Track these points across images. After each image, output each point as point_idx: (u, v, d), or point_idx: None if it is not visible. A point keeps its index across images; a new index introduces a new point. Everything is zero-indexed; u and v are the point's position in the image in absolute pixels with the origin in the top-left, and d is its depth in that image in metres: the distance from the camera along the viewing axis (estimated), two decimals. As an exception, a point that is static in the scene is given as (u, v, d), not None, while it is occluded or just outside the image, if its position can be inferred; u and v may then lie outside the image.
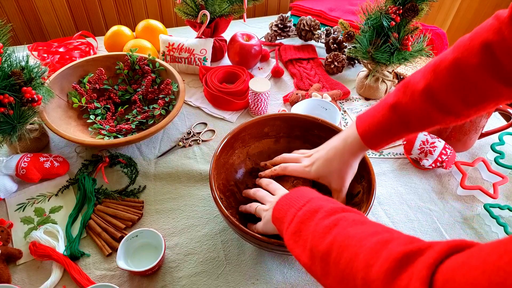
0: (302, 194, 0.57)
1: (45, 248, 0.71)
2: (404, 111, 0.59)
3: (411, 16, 0.91)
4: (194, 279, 0.72)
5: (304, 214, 0.52)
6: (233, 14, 1.13)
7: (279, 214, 0.58)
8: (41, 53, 1.14)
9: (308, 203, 0.53)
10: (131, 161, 0.91)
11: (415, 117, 0.59)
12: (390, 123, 0.61)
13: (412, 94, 0.58)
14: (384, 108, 0.61)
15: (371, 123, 0.63)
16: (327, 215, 0.48)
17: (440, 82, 0.55)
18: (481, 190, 0.84)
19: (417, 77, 0.59)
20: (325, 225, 0.47)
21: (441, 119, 0.58)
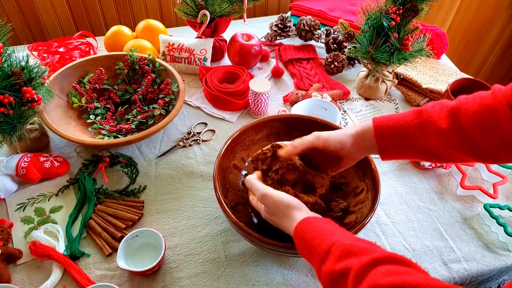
0: (320, 233, 0.54)
1: (45, 248, 0.71)
2: (427, 118, 0.58)
3: (411, 16, 0.91)
4: (195, 279, 0.72)
5: (333, 273, 0.49)
6: (233, 14, 1.13)
7: (300, 245, 0.56)
8: (41, 53, 1.14)
9: (331, 251, 0.51)
10: (131, 161, 0.91)
11: (434, 129, 0.57)
12: (410, 125, 0.59)
13: (441, 108, 0.58)
14: (408, 112, 0.60)
15: (389, 119, 0.61)
16: (357, 282, 0.45)
17: (470, 107, 0.55)
18: (481, 190, 0.85)
19: (451, 101, 0.59)
20: None
21: (455, 141, 0.57)
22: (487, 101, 0.54)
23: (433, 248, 0.78)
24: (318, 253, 0.52)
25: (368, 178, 0.73)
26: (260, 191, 0.64)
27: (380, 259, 0.45)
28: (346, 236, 0.52)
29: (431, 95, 1.06)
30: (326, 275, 0.49)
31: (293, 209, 0.60)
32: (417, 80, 1.07)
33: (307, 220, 0.57)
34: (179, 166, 0.91)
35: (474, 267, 0.75)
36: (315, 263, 0.52)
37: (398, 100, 1.11)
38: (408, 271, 0.44)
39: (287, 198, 0.62)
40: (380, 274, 0.44)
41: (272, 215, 0.63)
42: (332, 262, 0.49)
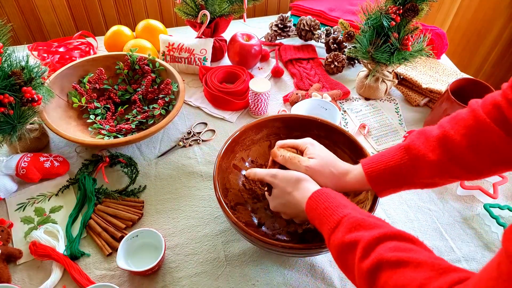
0: (333, 204, 0.56)
1: (45, 248, 0.71)
2: (417, 153, 0.59)
3: (411, 16, 0.91)
4: (195, 279, 0.72)
5: (342, 243, 0.51)
6: (233, 14, 1.13)
7: (312, 215, 0.58)
8: (41, 53, 1.14)
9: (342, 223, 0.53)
10: (131, 161, 0.91)
11: (427, 163, 0.58)
12: (400, 164, 0.60)
13: (427, 139, 0.59)
14: (395, 149, 0.62)
15: (379, 162, 0.62)
16: (365, 254, 0.47)
17: (456, 132, 0.57)
18: (481, 190, 0.85)
19: (433, 128, 0.61)
20: (366, 267, 0.46)
21: (451, 171, 0.58)
22: (470, 121, 0.56)
23: (433, 248, 0.78)
24: (329, 223, 0.54)
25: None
26: (269, 173, 0.66)
27: (388, 235, 0.47)
28: (358, 210, 0.54)
29: (431, 95, 1.06)
30: (335, 244, 0.52)
31: (304, 181, 0.63)
32: (417, 80, 1.07)
33: (321, 190, 0.59)
34: (179, 166, 0.91)
35: (474, 267, 0.75)
36: (325, 233, 0.55)
37: (398, 100, 1.11)
38: (414, 248, 0.46)
39: (296, 172, 0.64)
40: (387, 249, 0.45)
41: (282, 194, 0.64)
42: (342, 233, 0.51)
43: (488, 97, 0.57)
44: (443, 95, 0.94)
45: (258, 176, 0.68)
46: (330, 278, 0.73)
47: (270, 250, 0.66)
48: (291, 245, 0.64)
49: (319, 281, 0.73)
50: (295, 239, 0.71)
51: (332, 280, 0.73)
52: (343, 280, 0.73)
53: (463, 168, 0.58)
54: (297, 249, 0.64)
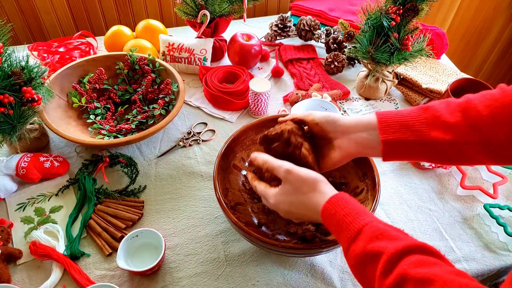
0: (353, 211, 0.53)
1: (45, 248, 0.71)
2: (435, 113, 0.56)
3: (411, 16, 0.91)
4: (194, 279, 0.72)
5: (363, 253, 0.49)
6: (233, 14, 1.13)
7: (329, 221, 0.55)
8: (41, 53, 1.14)
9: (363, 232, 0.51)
10: (131, 161, 0.91)
11: (442, 123, 0.55)
12: (416, 119, 0.56)
13: (449, 104, 0.56)
14: (414, 108, 0.58)
15: (394, 114, 0.58)
16: (388, 269, 0.45)
17: (480, 102, 0.54)
18: (481, 190, 0.85)
19: (457, 99, 0.57)
20: (388, 283, 0.44)
21: (464, 135, 0.54)
22: (497, 96, 0.54)
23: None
24: (349, 231, 0.51)
25: (368, 178, 0.73)
26: (285, 166, 0.60)
27: (412, 247, 0.46)
28: (378, 219, 0.52)
29: (431, 95, 1.06)
30: (356, 253, 0.50)
31: (322, 183, 0.59)
32: (417, 80, 1.07)
33: (341, 195, 0.56)
34: (179, 166, 0.91)
35: (474, 267, 0.75)
36: (344, 240, 0.52)
37: (398, 100, 1.11)
38: (438, 262, 0.44)
39: (314, 173, 0.59)
40: (411, 263, 0.44)
41: (294, 193, 0.59)
42: (364, 242, 0.49)
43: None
44: (443, 95, 0.94)
45: (268, 165, 0.62)
46: (330, 278, 0.73)
47: (270, 250, 0.66)
48: (291, 245, 0.65)
49: (319, 281, 0.73)
50: (295, 239, 0.71)
51: (332, 280, 0.73)
52: (343, 280, 0.73)
53: (478, 134, 0.54)
54: (297, 249, 0.64)
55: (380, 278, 0.45)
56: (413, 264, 0.44)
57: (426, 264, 0.44)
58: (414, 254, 0.45)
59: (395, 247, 0.46)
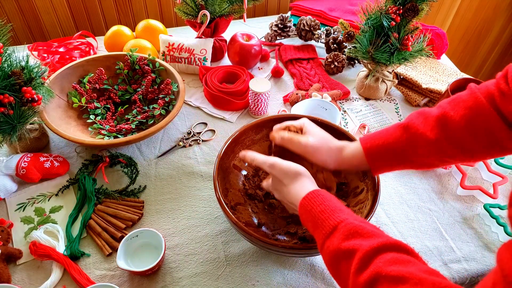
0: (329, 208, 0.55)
1: (45, 248, 0.71)
2: (415, 132, 0.60)
3: (411, 16, 0.91)
4: (194, 279, 0.72)
5: (337, 250, 0.49)
6: (233, 14, 1.13)
7: (306, 216, 0.57)
8: (41, 53, 1.14)
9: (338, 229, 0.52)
10: (131, 161, 0.91)
11: (424, 142, 0.59)
12: (399, 141, 0.61)
13: (426, 118, 0.60)
14: (394, 127, 0.62)
15: (377, 139, 0.63)
16: (363, 267, 0.46)
17: (455, 113, 0.58)
18: (481, 190, 0.85)
19: (432, 109, 0.61)
20: (363, 280, 0.45)
21: (447, 150, 0.59)
22: (470, 103, 0.57)
23: (433, 248, 0.78)
24: (324, 227, 0.52)
25: (368, 178, 0.73)
26: (269, 162, 0.64)
27: (387, 245, 0.46)
28: (353, 216, 0.53)
29: (431, 95, 1.06)
30: (330, 250, 0.50)
31: (303, 176, 0.61)
32: (417, 80, 1.07)
33: (317, 192, 0.57)
34: (179, 166, 0.91)
35: (474, 267, 0.75)
36: (319, 236, 0.53)
37: (398, 100, 1.11)
38: (412, 260, 0.45)
39: (296, 165, 0.62)
40: (385, 261, 0.45)
41: (279, 186, 0.63)
42: (339, 239, 0.50)
43: (483, 85, 0.58)
44: (443, 95, 0.94)
45: (256, 162, 0.66)
46: (330, 278, 0.73)
47: (270, 250, 0.66)
48: (291, 245, 0.65)
49: (319, 281, 0.73)
50: (295, 239, 0.71)
51: (332, 280, 0.73)
52: (343, 280, 0.73)
53: (459, 148, 0.58)
54: (297, 249, 0.64)
55: (354, 275, 0.46)
56: (388, 262, 0.44)
57: (400, 262, 0.44)
58: (388, 252, 0.46)
59: (370, 244, 0.47)
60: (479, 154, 0.59)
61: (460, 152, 0.59)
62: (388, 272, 0.43)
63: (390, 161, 0.62)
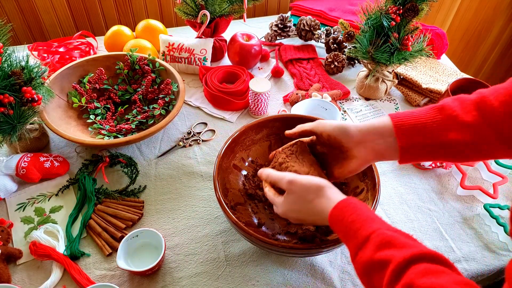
0: (360, 218, 0.52)
1: (45, 248, 0.71)
2: (451, 113, 0.55)
3: (411, 16, 0.91)
4: (194, 279, 0.72)
5: (370, 261, 0.48)
6: (233, 14, 1.13)
7: (337, 227, 0.55)
8: (41, 53, 1.14)
9: (371, 239, 0.50)
10: (131, 161, 0.91)
11: (460, 123, 0.54)
12: (433, 121, 0.55)
13: (463, 102, 0.55)
14: (428, 108, 0.57)
15: (409, 116, 0.57)
16: (395, 279, 0.44)
17: (495, 98, 0.54)
18: (481, 190, 0.85)
19: (469, 95, 0.57)
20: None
21: (484, 135, 0.54)
22: (510, 91, 0.53)
23: (433, 248, 0.78)
24: (356, 238, 0.51)
25: (368, 178, 0.73)
26: (287, 178, 0.60)
27: (420, 256, 0.45)
28: (386, 225, 0.51)
29: (431, 95, 1.06)
30: (363, 261, 0.49)
31: (327, 188, 0.58)
32: (417, 80, 1.07)
33: (348, 201, 0.55)
34: (179, 166, 0.91)
35: (474, 267, 0.75)
36: (352, 247, 0.52)
37: (398, 100, 1.11)
38: (445, 271, 0.43)
39: (317, 179, 0.59)
40: (418, 273, 0.43)
41: (299, 203, 0.59)
42: (371, 250, 0.48)
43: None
44: (443, 95, 0.94)
45: (271, 178, 0.63)
46: (330, 278, 0.73)
47: (270, 250, 0.66)
48: (291, 245, 0.65)
49: (319, 281, 0.73)
50: (295, 239, 0.71)
51: (332, 280, 0.73)
52: (343, 280, 0.73)
53: (498, 133, 0.53)
54: (297, 249, 0.64)
55: (387, 287, 0.45)
56: (421, 274, 0.43)
57: (433, 273, 0.43)
58: (421, 263, 0.44)
59: (403, 255, 0.45)
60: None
61: (497, 138, 0.53)
62: (421, 284, 0.42)
63: (423, 141, 0.56)
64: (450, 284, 0.41)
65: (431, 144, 0.55)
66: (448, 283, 0.41)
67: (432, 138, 0.55)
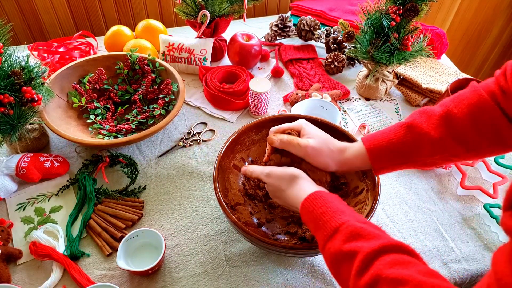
0: (330, 210, 0.54)
1: (45, 248, 0.71)
2: (420, 131, 0.59)
3: (411, 16, 0.91)
4: (194, 279, 0.72)
5: (339, 252, 0.49)
6: (233, 14, 1.13)
7: (307, 218, 0.57)
8: (41, 53, 1.14)
9: (340, 230, 0.51)
10: (131, 161, 0.91)
11: (429, 141, 0.58)
12: (403, 141, 0.60)
13: (430, 117, 0.59)
14: (397, 127, 0.61)
15: (381, 139, 0.62)
16: (363, 269, 0.46)
17: (459, 110, 0.57)
18: (481, 190, 0.85)
19: (434, 107, 0.61)
20: (363, 283, 0.45)
21: (452, 148, 0.58)
22: (473, 100, 0.57)
23: (433, 248, 0.78)
24: (325, 229, 0.52)
25: (368, 178, 0.73)
26: (264, 172, 0.65)
27: (387, 247, 0.46)
28: (355, 217, 0.53)
29: (431, 95, 1.06)
30: (332, 252, 0.50)
31: (299, 178, 0.62)
32: (417, 80, 1.07)
33: (318, 193, 0.57)
34: (179, 166, 0.91)
35: (474, 267, 0.75)
36: (320, 238, 0.53)
37: (398, 100, 1.11)
38: (412, 261, 0.45)
39: (291, 169, 0.63)
40: (386, 263, 0.44)
41: (277, 192, 0.64)
42: (340, 241, 0.50)
43: (483, 83, 0.58)
44: (443, 95, 0.94)
45: (254, 175, 0.68)
46: (330, 278, 0.73)
47: (270, 250, 0.66)
48: (291, 245, 0.65)
49: (319, 281, 0.73)
50: (295, 239, 0.71)
51: (332, 280, 0.73)
52: (343, 280, 0.73)
53: (464, 145, 0.58)
54: (297, 249, 0.64)
55: (355, 278, 0.46)
56: (388, 264, 0.44)
57: (400, 264, 0.44)
58: (389, 254, 0.46)
59: (371, 246, 0.46)
60: (484, 151, 0.58)
61: (465, 150, 0.58)
62: (388, 274, 0.43)
63: (394, 161, 0.61)
64: (417, 274, 0.42)
65: (403, 163, 0.61)
66: (415, 273, 0.42)
67: (403, 158, 0.61)
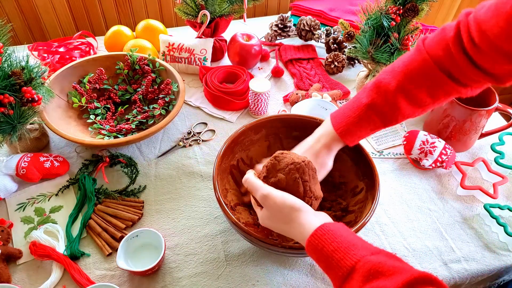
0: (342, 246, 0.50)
1: (45, 248, 0.72)
2: (381, 109, 0.66)
3: (411, 16, 0.91)
4: (194, 279, 0.72)
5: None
6: (233, 14, 1.13)
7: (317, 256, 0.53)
8: (41, 53, 1.14)
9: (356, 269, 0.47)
10: (131, 161, 0.91)
11: (391, 112, 0.66)
12: (369, 120, 0.67)
13: (386, 93, 0.65)
14: (360, 107, 0.67)
15: (349, 122, 0.68)
16: None
17: (410, 81, 0.64)
18: (481, 190, 0.85)
19: (387, 78, 0.66)
20: None
21: (410, 110, 0.67)
22: (416, 63, 0.63)
23: (433, 248, 0.78)
24: (340, 269, 0.48)
25: (368, 178, 0.73)
26: (261, 191, 0.59)
27: (411, 282, 0.43)
28: (368, 248, 0.49)
29: (431, 95, 1.06)
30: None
31: (299, 212, 0.56)
32: (417, 80, 1.06)
33: (325, 227, 0.53)
34: (179, 166, 0.91)
35: (474, 267, 0.75)
36: (335, 279, 0.49)
37: (398, 100, 1.11)
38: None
39: (291, 199, 0.58)
40: None
41: (275, 221, 0.59)
42: (358, 282, 0.46)
43: (432, 46, 0.62)
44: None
45: (249, 186, 0.62)
46: (330, 278, 0.73)
47: (270, 250, 0.66)
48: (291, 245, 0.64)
49: (319, 281, 0.73)
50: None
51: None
52: (343, 280, 0.73)
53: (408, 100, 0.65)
54: (297, 249, 0.64)
55: None
56: None
57: None
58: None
59: (394, 285, 0.43)
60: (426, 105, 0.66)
61: (410, 104, 0.66)
62: None
63: (364, 134, 0.69)
64: None
65: (372, 130, 0.69)
66: None
67: (372, 129, 0.69)
